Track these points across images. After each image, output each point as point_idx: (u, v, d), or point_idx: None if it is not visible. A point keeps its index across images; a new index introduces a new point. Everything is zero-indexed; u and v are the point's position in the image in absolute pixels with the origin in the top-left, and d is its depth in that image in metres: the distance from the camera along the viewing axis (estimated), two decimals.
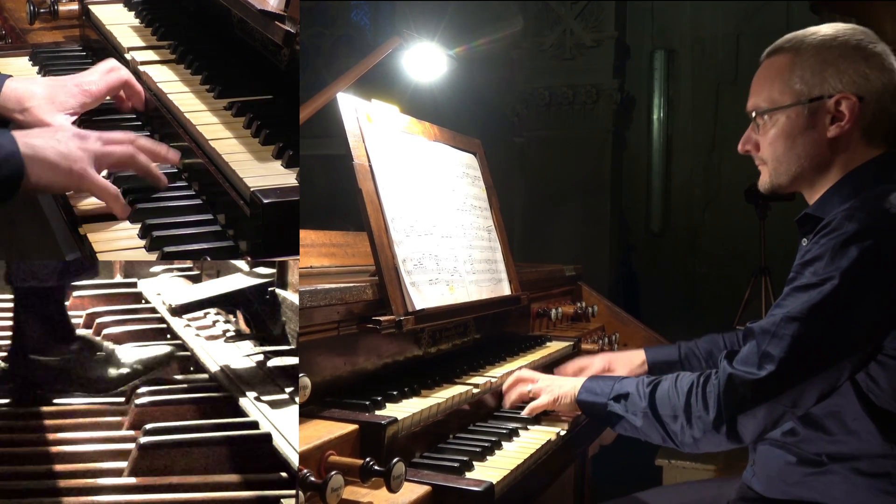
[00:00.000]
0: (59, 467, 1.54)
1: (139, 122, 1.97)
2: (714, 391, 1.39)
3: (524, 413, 1.68)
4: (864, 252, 1.31)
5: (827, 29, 1.48)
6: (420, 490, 1.22)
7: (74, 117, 1.81)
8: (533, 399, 1.69)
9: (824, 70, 1.44)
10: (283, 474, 1.54)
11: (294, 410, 1.68)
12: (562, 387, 1.67)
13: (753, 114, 1.53)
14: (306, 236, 2.02)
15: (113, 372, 1.97)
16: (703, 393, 1.40)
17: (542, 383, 1.71)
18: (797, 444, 1.46)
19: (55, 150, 1.53)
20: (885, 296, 1.32)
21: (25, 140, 1.51)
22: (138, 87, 1.94)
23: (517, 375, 1.77)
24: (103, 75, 1.87)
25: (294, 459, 1.45)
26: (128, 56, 2.06)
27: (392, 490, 1.17)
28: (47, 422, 1.77)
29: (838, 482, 1.40)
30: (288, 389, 1.80)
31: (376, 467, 1.18)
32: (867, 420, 1.38)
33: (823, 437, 1.42)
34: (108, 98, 1.92)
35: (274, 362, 1.95)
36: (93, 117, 1.90)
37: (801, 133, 1.47)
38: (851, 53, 1.44)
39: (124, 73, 1.91)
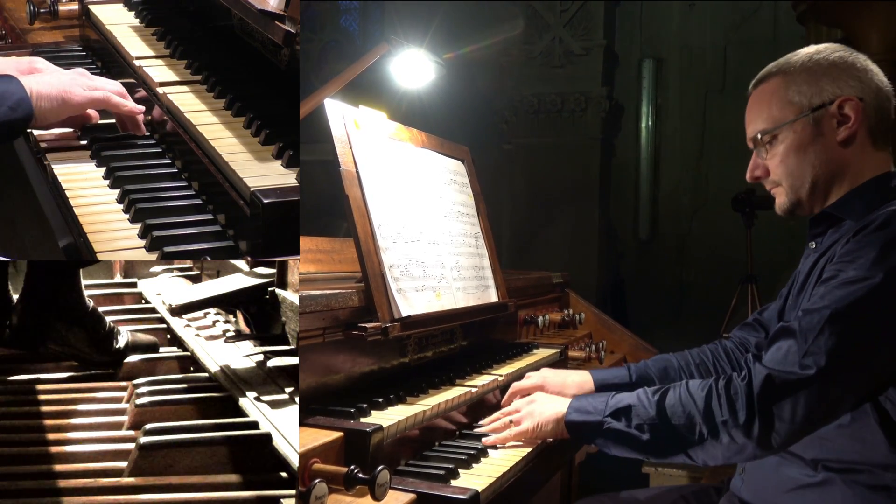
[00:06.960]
0: (59, 467, 1.54)
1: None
2: (742, 393, 1.33)
3: (497, 439, 1.57)
4: None
5: (808, 49, 1.54)
6: (405, 498, 1.22)
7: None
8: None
9: (819, 81, 1.49)
10: (283, 474, 1.54)
11: (294, 410, 1.68)
12: (542, 412, 1.57)
13: (758, 137, 1.54)
14: None
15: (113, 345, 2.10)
16: (728, 396, 1.34)
17: (525, 411, 1.61)
18: (794, 449, 1.41)
19: (57, 90, 1.69)
20: None
21: (30, 84, 1.66)
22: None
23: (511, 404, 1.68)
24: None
25: (294, 459, 1.45)
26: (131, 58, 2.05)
27: (377, 498, 1.17)
28: (47, 422, 1.75)
29: (835, 493, 1.37)
30: (288, 389, 1.80)
31: (361, 475, 1.17)
32: (877, 430, 1.35)
33: (825, 443, 1.38)
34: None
35: (274, 362, 1.95)
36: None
37: (811, 143, 1.49)
38: (839, 62, 1.50)
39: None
